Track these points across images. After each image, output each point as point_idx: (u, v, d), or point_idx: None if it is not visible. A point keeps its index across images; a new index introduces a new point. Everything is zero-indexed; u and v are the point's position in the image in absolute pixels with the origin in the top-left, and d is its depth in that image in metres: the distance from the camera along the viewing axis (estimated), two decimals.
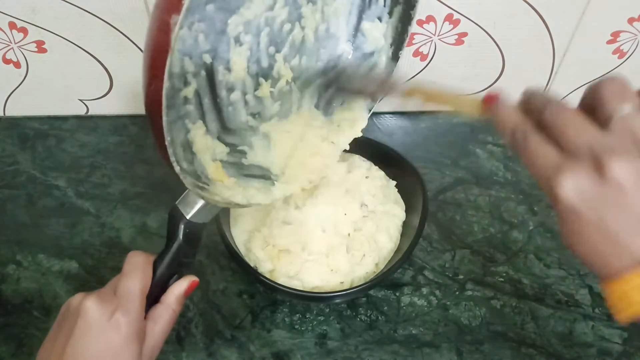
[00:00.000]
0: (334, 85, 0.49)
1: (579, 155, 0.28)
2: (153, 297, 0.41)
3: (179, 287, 0.43)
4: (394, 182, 0.59)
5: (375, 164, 0.60)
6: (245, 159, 0.49)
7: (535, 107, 0.30)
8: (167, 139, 0.34)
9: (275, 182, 0.49)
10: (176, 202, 0.44)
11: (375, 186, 0.57)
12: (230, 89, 0.45)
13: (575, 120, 0.29)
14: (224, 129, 0.46)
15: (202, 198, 0.43)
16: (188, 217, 0.43)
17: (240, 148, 0.48)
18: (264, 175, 0.49)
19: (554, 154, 0.29)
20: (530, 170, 0.30)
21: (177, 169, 0.37)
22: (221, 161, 0.46)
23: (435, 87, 0.38)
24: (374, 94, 0.47)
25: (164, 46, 0.31)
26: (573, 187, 0.28)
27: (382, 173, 0.59)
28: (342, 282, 0.51)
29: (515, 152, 0.31)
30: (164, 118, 0.33)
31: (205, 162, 0.44)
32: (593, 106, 0.29)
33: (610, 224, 0.28)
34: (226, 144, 0.46)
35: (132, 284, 0.40)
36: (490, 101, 0.32)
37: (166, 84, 0.31)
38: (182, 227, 0.43)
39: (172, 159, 0.36)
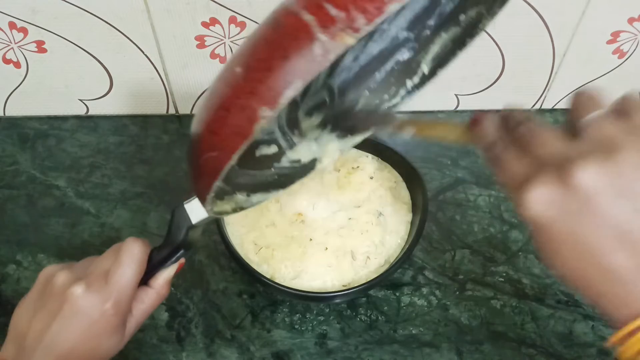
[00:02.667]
0: (331, 123, 0.45)
1: (546, 166, 0.27)
2: (141, 281, 0.42)
3: (168, 273, 0.43)
4: (404, 184, 0.58)
5: None
6: None
7: (513, 124, 0.30)
8: (211, 195, 0.34)
9: None
10: (184, 203, 0.42)
11: (382, 187, 0.57)
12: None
13: (545, 132, 0.28)
14: None
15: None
16: (194, 222, 0.42)
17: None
18: None
19: (525, 166, 0.28)
20: (502, 182, 0.30)
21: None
22: None
23: (423, 119, 0.39)
24: (367, 129, 0.45)
25: (242, 130, 0.28)
26: (538, 198, 0.26)
27: (392, 174, 0.58)
28: (343, 283, 0.51)
29: (491, 166, 0.31)
30: (216, 183, 0.32)
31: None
32: (572, 123, 0.29)
33: (584, 237, 0.26)
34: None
35: (127, 277, 0.40)
36: (476, 123, 0.32)
37: (233, 161, 0.29)
38: (184, 231, 0.42)
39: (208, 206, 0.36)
